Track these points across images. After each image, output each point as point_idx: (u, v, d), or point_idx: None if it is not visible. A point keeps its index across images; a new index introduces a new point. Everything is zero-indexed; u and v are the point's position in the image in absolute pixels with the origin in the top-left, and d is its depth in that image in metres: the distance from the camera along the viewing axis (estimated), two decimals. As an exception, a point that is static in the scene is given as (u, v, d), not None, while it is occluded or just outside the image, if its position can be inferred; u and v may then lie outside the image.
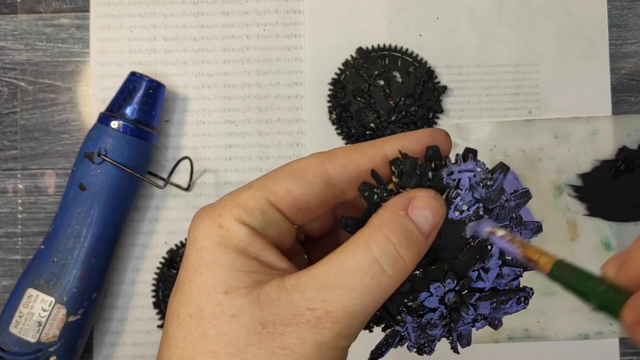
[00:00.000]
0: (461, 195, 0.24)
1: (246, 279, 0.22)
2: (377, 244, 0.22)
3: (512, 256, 0.24)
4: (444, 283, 0.24)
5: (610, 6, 0.50)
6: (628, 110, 0.50)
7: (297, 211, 0.24)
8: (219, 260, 0.22)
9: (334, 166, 0.24)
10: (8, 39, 0.51)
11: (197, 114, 0.50)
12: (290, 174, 0.24)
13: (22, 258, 0.50)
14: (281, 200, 0.23)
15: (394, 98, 0.50)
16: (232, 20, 0.51)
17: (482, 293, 0.25)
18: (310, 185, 0.23)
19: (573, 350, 0.49)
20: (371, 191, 0.24)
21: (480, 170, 0.24)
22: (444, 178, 0.24)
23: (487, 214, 0.24)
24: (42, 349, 0.44)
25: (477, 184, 0.24)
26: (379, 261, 0.22)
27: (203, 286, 0.22)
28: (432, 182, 0.24)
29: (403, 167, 0.24)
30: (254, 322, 0.21)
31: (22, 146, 0.51)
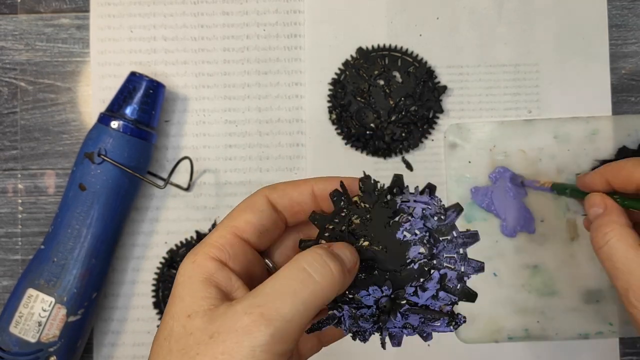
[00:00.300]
0: (411, 222, 0.28)
1: (204, 303, 0.26)
2: (305, 258, 0.26)
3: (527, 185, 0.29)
4: (382, 288, 0.28)
5: (610, 6, 0.50)
6: (628, 110, 0.50)
7: (259, 235, 0.29)
8: (187, 290, 0.27)
9: (274, 196, 0.30)
10: (8, 39, 0.51)
11: (197, 114, 0.50)
12: (245, 209, 0.29)
13: (22, 258, 0.50)
14: (244, 230, 0.29)
15: (394, 98, 0.50)
16: (232, 20, 0.51)
17: (413, 306, 0.28)
18: (262, 212, 0.29)
19: (573, 350, 0.49)
20: (339, 197, 0.29)
21: (436, 205, 0.29)
22: (398, 203, 0.28)
23: (434, 243, 0.28)
24: (42, 349, 0.44)
25: (430, 216, 0.28)
26: (306, 269, 0.26)
27: (174, 313, 0.27)
28: (388, 204, 0.28)
29: (364, 187, 0.29)
30: (203, 335, 0.25)
31: (22, 146, 0.51)
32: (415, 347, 0.49)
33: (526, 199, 0.49)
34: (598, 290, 0.49)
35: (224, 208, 0.50)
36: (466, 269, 0.29)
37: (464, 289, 0.29)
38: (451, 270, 0.28)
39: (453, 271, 0.28)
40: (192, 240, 0.50)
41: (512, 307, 0.49)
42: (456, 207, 0.29)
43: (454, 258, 0.28)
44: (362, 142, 0.50)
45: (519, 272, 0.49)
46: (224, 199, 0.50)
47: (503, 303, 0.49)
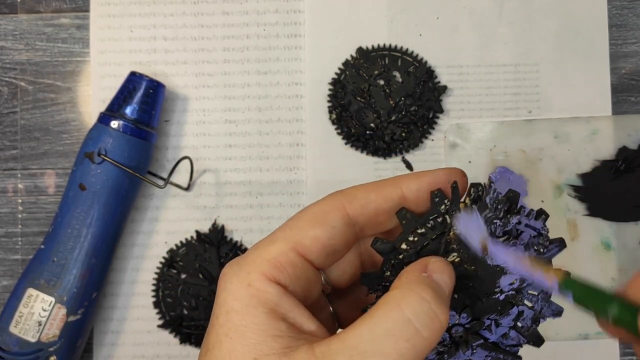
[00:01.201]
0: (516, 247, 0.24)
1: (275, 344, 0.21)
2: (409, 304, 0.21)
3: (518, 271, 0.24)
4: (459, 316, 0.24)
5: (610, 6, 0.50)
6: (628, 110, 0.50)
7: (326, 257, 0.24)
8: (248, 323, 0.22)
9: (354, 207, 0.24)
10: (8, 39, 0.51)
11: (197, 114, 0.50)
12: (313, 221, 0.23)
13: (22, 258, 0.50)
14: (309, 249, 0.23)
15: (394, 98, 0.50)
16: (232, 20, 0.51)
17: (486, 342, 0.25)
18: (334, 229, 0.23)
19: (573, 350, 0.49)
20: (442, 199, 0.24)
21: (544, 236, 0.25)
22: (512, 223, 0.24)
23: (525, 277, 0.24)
24: (42, 348, 0.44)
25: (532, 245, 0.25)
26: (412, 322, 0.21)
27: (233, 352, 0.21)
28: (501, 221, 0.24)
29: (484, 195, 0.24)
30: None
31: (22, 146, 0.51)
32: (415, 347, 0.49)
33: (526, 198, 0.49)
34: (598, 290, 0.49)
35: (224, 208, 0.50)
36: (545, 310, 0.25)
37: (534, 332, 0.25)
38: (529, 309, 0.25)
39: (530, 310, 0.25)
40: (192, 240, 0.50)
41: (512, 307, 0.49)
42: (560, 242, 0.25)
43: (536, 296, 0.25)
44: (362, 142, 0.50)
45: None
46: (224, 199, 0.50)
47: (503, 303, 0.49)
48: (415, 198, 0.24)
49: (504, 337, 0.25)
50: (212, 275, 0.49)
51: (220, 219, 0.50)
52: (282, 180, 0.50)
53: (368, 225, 0.24)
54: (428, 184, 0.24)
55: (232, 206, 0.50)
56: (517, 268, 0.23)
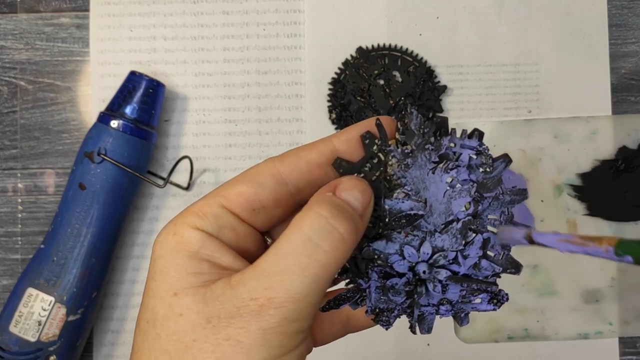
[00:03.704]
0: (457, 170, 0.24)
1: (194, 279, 0.23)
2: (308, 222, 0.22)
3: (572, 250, 0.23)
4: (419, 252, 0.24)
5: (610, 5, 0.50)
6: (628, 110, 0.50)
7: (252, 212, 0.24)
8: (170, 265, 0.23)
9: (285, 165, 0.25)
10: (8, 38, 0.51)
11: (196, 114, 0.50)
12: (242, 179, 0.25)
13: (22, 257, 0.50)
14: (233, 202, 0.24)
15: (394, 97, 0.50)
16: (231, 19, 0.51)
17: (455, 275, 0.24)
18: (261, 185, 0.24)
19: (573, 350, 0.49)
20: (372, 140, 0.24)
21: (484, 154, 0.24)
22: (444, 146, 0.24)
23: (478, 199, 0.24)
24: (42, 348, 0.44)
25: (476, 166, 0.24)
26: (312, 238, 0.22)
27: (156, 291, 0.23)
28: (433, 145, 0.24)
29: (408, 122, 0.23)
30: (199, 319, 0.22)
31: (22, 145, 0.51)
32: (416, 347, 0.49)
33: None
34: (598, 290, 0.49)
35: (224, 207, 0.50)
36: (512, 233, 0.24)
37: (508, 258, 0.24)
38: (494, 234, 0.24)
39: (496, 236, 0.24)
40: (191, 240, 0.50)
41: (512, 307, 0.49)
42: (505, 157, 0.24)
43: (498, 220, 0.24)
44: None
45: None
46: (224, 199, 0.50)
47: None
48: (347, 149, 0.25)
49: (476, 267, 0.24)
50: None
51: (220, 218, 0.50)
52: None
53: (303, 183, 0.25)
54: (357, 132, 0.25)
55: (232, 206, 0.50)
56: (570, 247, 0.23)
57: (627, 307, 0.49)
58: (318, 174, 0.25)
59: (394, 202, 0.23)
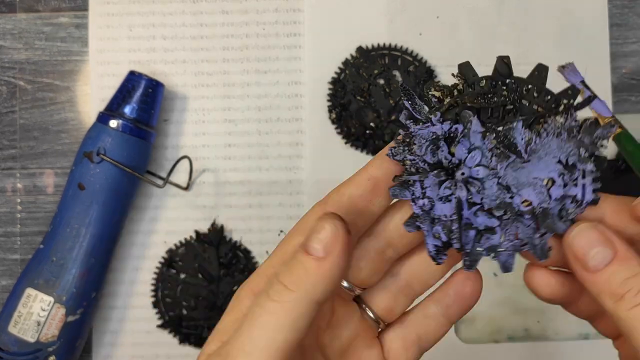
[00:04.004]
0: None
1: None
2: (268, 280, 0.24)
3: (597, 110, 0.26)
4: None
5: (610, 5, 0.50)
6: (629, 110, 0.50)
7: None
8: (226, 328, 0.25)
9: (329, 205, 0.26)
10: (7, 38, 0.51)
11: (196, 113, 0.50)
12: (296, 232, 0.26)
13: (21, 257, 0.50)
14: None
15: (394, 97, 0.49)
16: (231, 19, 0.50)
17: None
18: None
19: (573, 350, 0.49)
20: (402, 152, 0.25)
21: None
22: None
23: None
24: (41, 348, 0.44)
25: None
26: (266, 292, 0.23)
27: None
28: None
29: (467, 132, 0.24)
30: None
31: (21, 145, 0.51)
32: (415, 347, 0.49)
33: (526, 198, 0.49)
34: (598, 290, 0.49)
35: (224, 207, 0.50)
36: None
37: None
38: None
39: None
40: (191, 240, 0.49)
41: (512, 307, 0.49)
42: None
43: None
44: (362, 141, 0.50)
45: (519, 272, 0.49)
46: (224, 199, 0.50)
47: (503, 303, 0.49)
48: (382, 172, 0.26)
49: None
50: (212, 275, 0.49)
51: (219, 218, 0.50)
52: (282, 180, 0.50)
53: (351, 216, 0.25)
54: (389, 162, 0.26)
55: (232, 206, 0.50)
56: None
57: (627, 307, 0.49)
58: (363, 204, 0.26)
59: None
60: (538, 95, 0.24)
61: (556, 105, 0.24)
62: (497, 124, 0.24)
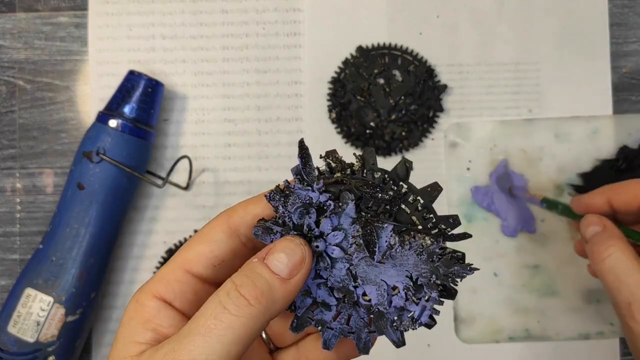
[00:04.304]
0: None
1: (133, 349, 0.25)
2: (223, 289, 0.24)
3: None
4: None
5: (611, 4, 0.50)
6: (629, 110, 0.50)
7: (213, 269, 0.27)
8: (123, 333, 0.26)
9: (234, 219, 0.27)
10: (6, 38, 0.51)
11: (196, 113, 0.50)
12: (198, 239, 0.27)
13: (21, 257, 0.50)
14: (195, 264, 0.27)
15: (394, 97, 0.49)
16: (231, 18, 0.50)
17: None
18: (216, 242, 0.27)
19: (573, 350, 0.49)
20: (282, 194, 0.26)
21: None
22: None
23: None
24: (40, 348, 0.44)
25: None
26: (222, 302, 0.24)
27: (111, 354, 0.26)
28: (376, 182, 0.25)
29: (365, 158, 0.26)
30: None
31: (20, 145, 0.51)
32: (416, 347, 0.49)
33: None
34: (599, 290, 0.49)
35: (223, 207, 0.50)
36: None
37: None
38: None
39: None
40: (191, 240, 0.49)
41: (513, 307, 0.49)
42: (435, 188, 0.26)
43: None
44: (362, 141, 0.50)
45: (519, 272, 0.49)
46: (223, 198, 0.50)
47: (503, 303, 0.49)
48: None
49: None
50: (211, 274, 0.49)
51: (219, 218, 0.50)
52: (282, 180, 0.50)
53: (251, 233, 0.27)
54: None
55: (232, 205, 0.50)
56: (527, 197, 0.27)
57: (628, 307, 0.48)
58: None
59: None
60: (421, 210, 0.25)
61: (432, 227, 0.25)
62: (371, 217, 0.24)
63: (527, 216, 0.49)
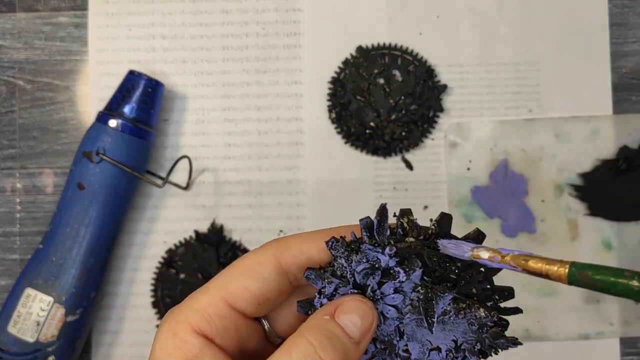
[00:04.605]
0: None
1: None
2: (297, 348, 0.22)
3: (514, 270, 0.25)
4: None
5: (611, 4, 0.50)
6: (629, 110, 0.50)
7: (257, 306, 0.25)
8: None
9: (286, 257, 0.25)
10: (6, 38, 0.51)
11: (196, 113, 0.50)
12: (245, 272, 0.24)
13: (21, 257, 0.50)
14: (239, 299, 0.24)
15: (394, 97, 0.49)
16: (231, 18, 0.50)
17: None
18: (265, 280, 0.24)
19: (573, 350, 0.49)
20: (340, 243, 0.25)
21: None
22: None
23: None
24: (40, 348, 0.44)
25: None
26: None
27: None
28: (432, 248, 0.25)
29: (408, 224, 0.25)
30: None
31: (20, 145, 0.51)
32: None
33: (526, 198, 0.49)
34: (598, 290, 0.49)
35: (223, 207, 0.50)
36: None
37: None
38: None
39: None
40: (191, 240, 0.49)
41: (513, 307, 0.49)
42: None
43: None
44: (361, 141, 0.50)
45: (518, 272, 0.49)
46: (223, 198, 0.50)
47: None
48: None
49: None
50: (211, 275, 0.49)
51: (219, 218, 0.50)
52: (282, 180, 0.50)
53: (302, 273, 0.25)
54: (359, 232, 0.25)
55: (231, 206, 0.50)
56: (523, 272, 0.24)
57: (628, 307, 0.48)
58: (317, 263, 0.25)
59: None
60: (480, 282, 0.25)
61: (486, 298, 0.25)
62: (432, 284, 0.24)
63: (527, 216, 0.49)
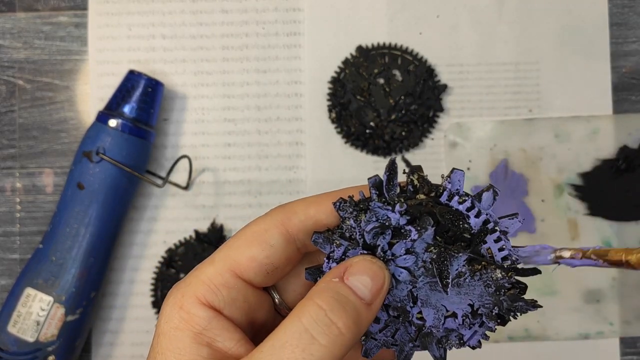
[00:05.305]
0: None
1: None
2: (307, 313, 0.21)
3: (595, 266, 0.24)
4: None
5: (611, 4, 0.50)
6: (629, 109, 0.50)
7: (265, 276, 0.24)
8: (172, 347, 0.22)
9: (293, 223, 0.24)
10: (6, 37, 0.51)
11: (195, 113, 0.50)
12: (251, 240, 0.24)
13: (21, 257, 0.50)
14: (246, 269, 0.23)
15: (394, 96, 0.49)
16: (231, 18, 0.50)
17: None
18: (272, 247, 0.23)
19: (573, 350, 0.49)
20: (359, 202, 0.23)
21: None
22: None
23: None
24: (40, 348, 0.44)
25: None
26: (309, 331, 0.21)
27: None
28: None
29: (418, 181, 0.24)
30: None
31: (20, 145, 0.51)
32: (415, 347, 0.49)
33: (526, 198, 0.49)
34: (598, 290, 0.49)
35: (223, 207, 0.50)
36: None
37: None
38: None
39: None
40: (191, 239, 0.49)
41: (512, 307, 0.49)
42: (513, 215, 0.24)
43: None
44: (361, 140, 0.50)
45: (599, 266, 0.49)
46: (223, 198, 0.50)
47: (503, 303, 0.49)
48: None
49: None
50: (211, 274, 0.49)
51: (219, 218, 0.50)
52: (282, 180, 0.50)
53: (310, 239, 0.24)
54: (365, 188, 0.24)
55: (231, 205, 0.50)
56: (604, 264, 0.23)
57: (628, 307, 0.49)
58: (324, 227, 0.24)
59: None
60: (496, 241, 0.24)
61: (504, 258, 0.24)
62: (446, 244, 0.23)
63: (527, 216, 0.49)
